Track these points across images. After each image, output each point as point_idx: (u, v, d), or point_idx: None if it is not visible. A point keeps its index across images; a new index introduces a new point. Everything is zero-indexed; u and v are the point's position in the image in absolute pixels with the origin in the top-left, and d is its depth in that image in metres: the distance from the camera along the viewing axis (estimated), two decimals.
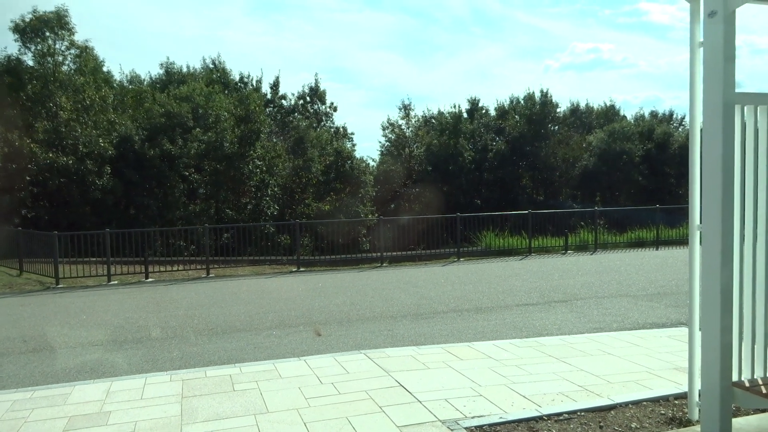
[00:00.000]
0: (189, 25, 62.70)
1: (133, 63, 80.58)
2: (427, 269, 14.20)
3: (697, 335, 3.79)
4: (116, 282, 13.45)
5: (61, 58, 24.59)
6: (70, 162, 21.36)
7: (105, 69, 28.41)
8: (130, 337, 7.69)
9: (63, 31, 24.17)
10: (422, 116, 39.73)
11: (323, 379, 5.24)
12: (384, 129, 39.12)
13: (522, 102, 38.15)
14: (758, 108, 3.61)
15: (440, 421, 4.19)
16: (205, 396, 4.89)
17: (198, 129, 24.11)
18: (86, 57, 25.68)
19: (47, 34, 23.82)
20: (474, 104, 39.50)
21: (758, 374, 3.73)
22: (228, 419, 4.35)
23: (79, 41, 25.37)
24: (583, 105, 40.85)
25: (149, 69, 70.24)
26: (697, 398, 3.87)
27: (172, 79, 31.17)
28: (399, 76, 68.53)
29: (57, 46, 24.36)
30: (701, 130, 3.65)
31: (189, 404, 4.70)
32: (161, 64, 32.98)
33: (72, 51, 25.11)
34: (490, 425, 4.10)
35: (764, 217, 3.69)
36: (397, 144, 37.67)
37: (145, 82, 31.28)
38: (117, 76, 30.20)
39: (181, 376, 5.51)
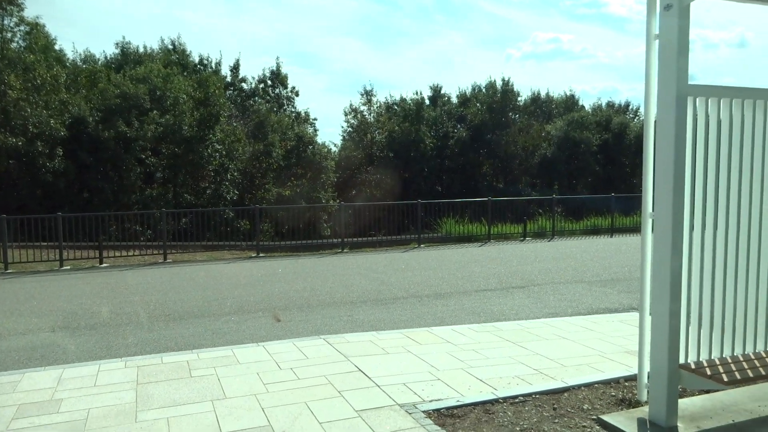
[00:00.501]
0: (146, 4, 60.95)
1: (88, 42, 78.07)
2: (387, 255, 14.25)
3: (648, 320, 3.91)
4: (69, 267, 13.10)
5: (9, 35, 23.61)
6: (20, 143, 20.61)
7: (57, 47, 27.48)
8: (83, 324, 7.51)
9: (12, 7, 23.19)
10: (385, 102, 39.71)
11: (282, 364, 5.23)
12: (346, 114, 38.98)
13: (484, 90, 38.50)
14: (709, 100, 3.72)
15: (398, 405, 4.23)
16: (161, 382, 4.82)
17: (155, 111, 23.55)
18: (37, 34, 24.74)
19: None
20: (436, 91, 39.65)
21: (704, 357, 3.88)
22: (184, 405, 4.30)
23: (29, 18, 24.44)
24: (543, 94, 41.44)
25: (104, 48, 68.30)
26: (646, 380, 4.00)
27: (128, 59, 30.34)
28: (362, 62, 68.23)
29: (5, 22, 23.39)
30: (655, 120, 3.74)
31: (144, 391, 4.63)
32: (117, 44, 32.08)
33: (21, 28, 24.15)
34: (447, 408, 4.15)
35: (713, 206, 3.82)
36: (359, 130, 37.57)
37: (100, 62, 30.37)
38: (70, 55, 29.27)
39: (137, 362, 5.41)
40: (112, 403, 4.39)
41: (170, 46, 32.43)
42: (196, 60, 32.68)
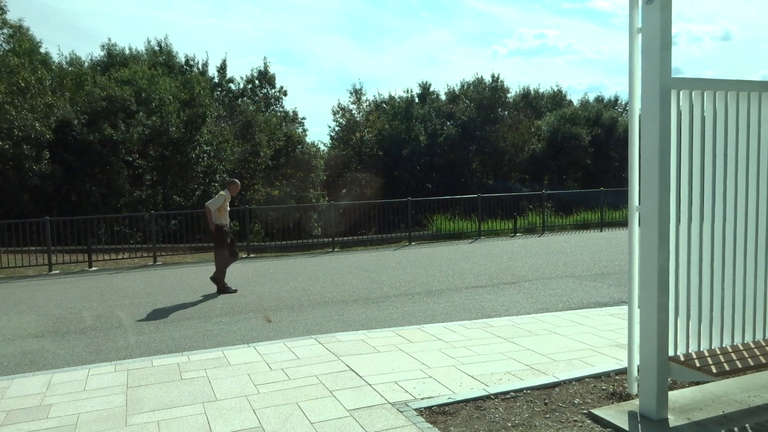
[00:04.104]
0: (128, 4, 60.50)
1: (73, 44, 77.17)
2: (378, 253, 14.24)
3: (636, 313, 3.93)
4: (58, 271, 13.00)
5: None
6: (6, 147, 20.39)
7: (42, 50, 27.12)
8: (73, 328, 7.45)
9: None
10: (373, 100, 39.69)
11: (273, 365, 5.21)
12: (334, 114, 38.95)
13: (472, 87, 38.51)
14: (693, 93, 3.73)
15: (390, 403, 4.22)
16: (152, 385, 4.79)
17: (141, 113, 23.39)
18: (20, 37, 24.47)
19: None
20: (425, 89, 39.65)
21: (693, 349, 3.90)
22: (175, 408, 4.28)
23: (12, 21, 24.16)
24: (532, 90, 41.49)
25: (91, 50, 67.67)
26: (636, 373, 4.02)
27: (114, 61, 30.06)
28: (348, 60, 68.22)
29: None
30: (639, 114, 3.75)
31: (134, 394, 4.60)
32: (102, 46, 31.86)
33: (5, 31, 23.89)
34: (439, 406, 4.16)
35: (699, 199, 3.84)
36: (347, 129, 37.54)
37: (86, 65, 30.07)
38: (56, 58, 28.88)
39: (126, 366, 5.38)
40: (102, 407, 4.36)
41: (156, 48, 32.20)
42: (183, 61, 32.47)
